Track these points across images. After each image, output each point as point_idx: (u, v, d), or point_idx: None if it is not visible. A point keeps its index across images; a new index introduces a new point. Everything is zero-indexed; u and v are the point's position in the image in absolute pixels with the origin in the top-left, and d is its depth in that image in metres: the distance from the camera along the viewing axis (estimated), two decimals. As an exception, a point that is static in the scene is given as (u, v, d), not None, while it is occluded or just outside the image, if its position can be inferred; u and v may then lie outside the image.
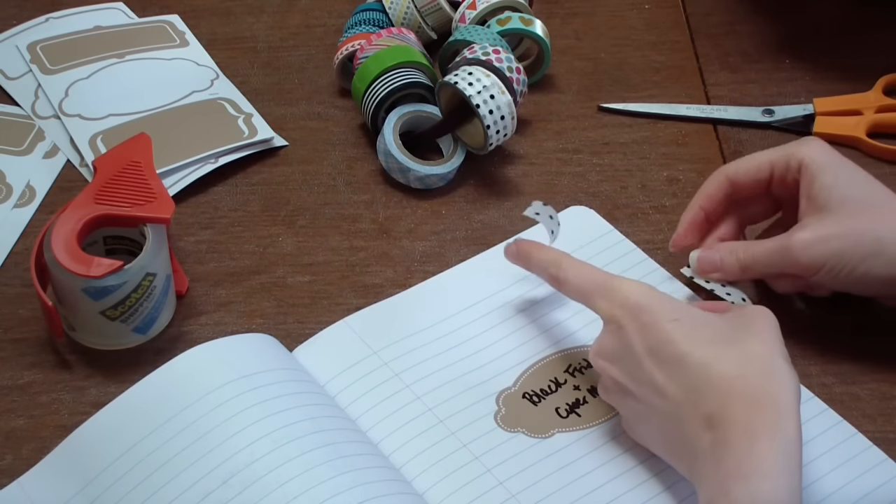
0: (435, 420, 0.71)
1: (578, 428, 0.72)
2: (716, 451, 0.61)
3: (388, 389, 0.73)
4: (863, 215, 0.71)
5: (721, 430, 0.61)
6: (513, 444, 0.70)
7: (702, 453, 0.62)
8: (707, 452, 0.61)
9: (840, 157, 0.74)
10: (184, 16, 1.01)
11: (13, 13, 1.01)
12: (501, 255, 0.78)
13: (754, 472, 0.58)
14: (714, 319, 0.66)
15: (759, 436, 0.59)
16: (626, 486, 0.69)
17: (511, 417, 0.72)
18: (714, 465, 0.60)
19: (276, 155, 0.91)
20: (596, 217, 0.84)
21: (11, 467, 0.72)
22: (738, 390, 0.61)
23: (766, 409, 0.60)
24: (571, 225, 0.82)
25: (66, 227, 0.74)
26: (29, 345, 0.78)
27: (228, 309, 0.80)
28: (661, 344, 0.64)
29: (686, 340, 0.64)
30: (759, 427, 0.60)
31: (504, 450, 0.70)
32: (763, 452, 0.59)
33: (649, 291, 0.67)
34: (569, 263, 0.72)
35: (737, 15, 1.02)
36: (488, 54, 0.86)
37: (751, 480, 0.58)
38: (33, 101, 0.93)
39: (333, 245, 0.84)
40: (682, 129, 0.92)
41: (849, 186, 0.72)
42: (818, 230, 0.72)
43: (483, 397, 0.73)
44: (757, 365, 0.62)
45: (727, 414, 0.61)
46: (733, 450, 0.60)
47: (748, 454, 0.59)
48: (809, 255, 0.72)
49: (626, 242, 0.82)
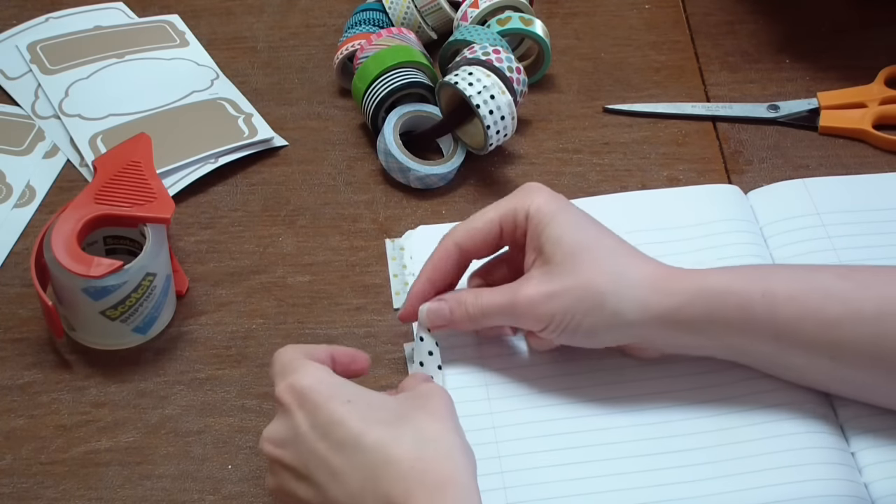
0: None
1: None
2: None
3: None
4: (585, 269, 0.69)
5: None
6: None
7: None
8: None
9: (566, 204, 0.72)
10: (184, 16, 1.01)
11: (13, 13, 1.01)
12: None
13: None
14: (388, 400, 0.64)
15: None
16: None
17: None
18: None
19: (276, 155, 0.91)
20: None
21: (11, 467, 0.72)
22: (417, 474, 0.60)
23: (450, 491, 0.60)
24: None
25: (66, 227, 0.74)
26: (29, 345, 0.78)
27: (228, 309, 0.80)
28: (332, 426, 0.62)
29: (359, 421, 0.62)
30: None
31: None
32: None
33: (322, 375, 0.64)
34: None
35: (737, 15, 1.02)
36: (488, 54, 0.86)
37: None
38: (33, 101, 0.93)
39: (333, 245, 0.84)
40: (683, 129, 0.92)
41: (574, 237, 0.70)
42: (541, 287, 0.70)
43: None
44: (433, 446, 0.61)
45: (411, 500, 0.59)
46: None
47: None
48: (535, 313, 0.70)
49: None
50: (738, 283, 0.68)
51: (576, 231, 0.71)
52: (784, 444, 0.70)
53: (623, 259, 0.70)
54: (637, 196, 0.86)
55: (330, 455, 0.62)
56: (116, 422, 0.74)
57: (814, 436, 0.70)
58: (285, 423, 0.64)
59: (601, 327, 0.70)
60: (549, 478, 0.69)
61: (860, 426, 0.71)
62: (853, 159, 0.90)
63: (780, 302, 0.68)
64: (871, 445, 0.70)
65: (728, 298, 0.68)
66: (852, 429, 0.71)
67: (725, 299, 0.68)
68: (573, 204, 0.73)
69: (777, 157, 0.90)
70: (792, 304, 0.67)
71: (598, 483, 0.69)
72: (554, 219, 0.71)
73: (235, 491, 0.71)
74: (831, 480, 0.68)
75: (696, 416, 0.72)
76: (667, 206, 0.84)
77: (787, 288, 0.68)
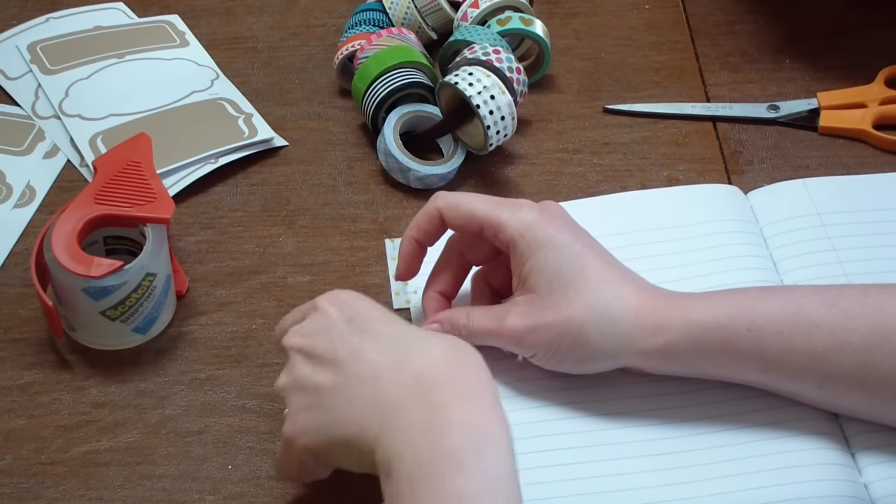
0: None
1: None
2: (429, 406, 0.59)
3: None
4: (567, 303, 0.69)
5: (433, 394, 0.60)
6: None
7: (405, 404, 0.60)
8: (413, 402, 0.60)
9: (552, 230, 0.71)
10: (184, 16, 1.01)
11: (13, 13, 1.01)
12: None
13: (470, 410, 0.59)
14: (412, 326, 0.66)
15: (469, 401, 0.60)
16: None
17: None
18: (423, 411, 0.59)
19: (276, 155, 0.91)
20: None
21: (11, 467, 0.72)
22: (450, 365, 0.61)
23: (474, 380, 0.61)
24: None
25: (66, 227, 0.74)
26: (29, 345, 0.78)
27: (228, 309, 0.80)
28: (369, 322, 0.65)
29: (395, 324, 0.65)
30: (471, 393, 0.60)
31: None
32: (470, 411, 0.59)
33: (359, 296, 0.67)
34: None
35: (737, 15, 1.02)
36: (488, 54, 0.86)
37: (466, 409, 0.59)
38: (33, 102, 0.93)
39: (333, 245, 0.84)
40: (682, 129, 0.92)
41: (557, 268, 0.70)
42: (525, 319, 0.70)
43: None
44: (466, 356, 0.62)
45: (440, 379, 0.60)
46: (449, 408, 0.59)
47: (460, 411, 0.59)
48: (520, 345, 0.71)
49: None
50: (724, 317, 0.68)
51: (560, 261, 0.70)
52: (784, 445, 0.70)
53: (608, 291, 0.69)
54: (637, 196, 0.86)
55: (363, 342, 0.63)
56: (116, 422, 0.74)
57: (814, 436, 0.70)
58: (318, 319, 0.66)
59: (587, 360, 0.70)
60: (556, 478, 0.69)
61: (860, 427, 0.71)
62: (853, 159, 0.90)
63: (766, 336, 0.67)
64: (871, 446, 0.70)
65: (714, 333, 0.68)
66: (852, 429, 0.71)
67: (711, 334, 0.68)
68: (563, 219, 0.72)
69: (777, 158, 0.90)
70: (778, 338, 0.67)
71: (601, 483, 0.69)
72: (539, 249, 0.70)
73: (235, 491, 0.71)
74: (831, 481, 0.68)
75: (696, 417, 0.72)
76: (667, 207, 0.84)
77: (773, 322, 0.67)
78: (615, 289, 0.69)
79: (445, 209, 0.73)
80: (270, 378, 0.73)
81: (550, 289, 0.69)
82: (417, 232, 0.75)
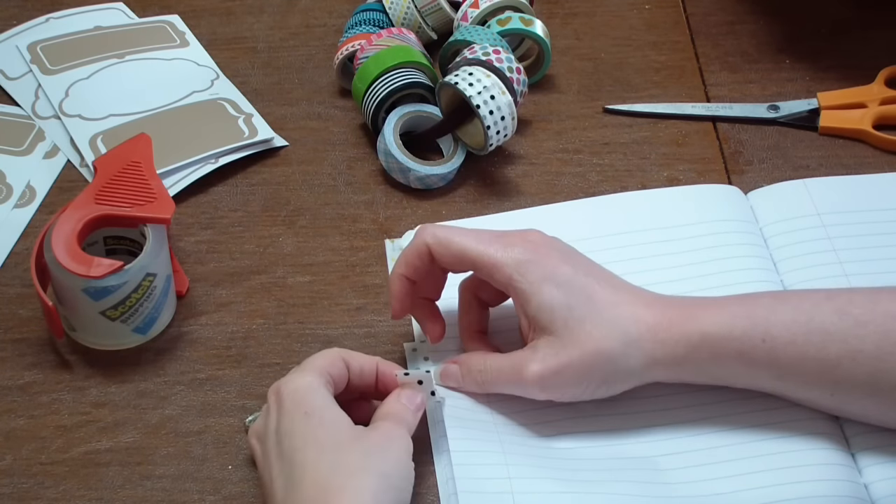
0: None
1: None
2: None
3: None
4: (589, 336, 0.68)
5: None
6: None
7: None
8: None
9: (551, 265, 0.70)
10: (184, 16, 1.01)
11: (13, 13, 1.01)
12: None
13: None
14: (342, 423, 0.66)
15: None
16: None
17: None
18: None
19: (276, 155, 0.91)
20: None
21: (11, 467, 0.72)
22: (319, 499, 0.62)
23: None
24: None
25: (66, 227, 0.74)
26: (29, 345, 0.78)
27: (228, 309, 0.80)
28: (283, 435, 0.65)
29: (300, 437, 0.65)
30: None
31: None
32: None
33: (305, 382, 0.67)
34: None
35: (737, 15, 1.02)
36: (488, 54, 0.86)
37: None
38: (33, 102, 0.93)
39: (333, 245, 0.84)
40: (682, 130, 0.92)
41: (566, 303, 0.69)
42: (549, 362, 0.69)
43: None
44: (342, 481, 0.62)
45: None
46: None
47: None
48: (546, 390, 0.70)
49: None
50: (738, 329, 0.68)
51: (568, 297, 0.69)
52: (784, 445, 0.70)
53: (622, 315, 0.69)
54: (637, 196, 0.86)
55: (276, 462, 0.66)
56: (117, 422, 0.74)
57: (814, 437, 0.70)
58: (263, 419, 0.69)
59: (617, 384, 0.70)
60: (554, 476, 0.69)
61: (861, 427, 0.71)
62: (853, 159, 0.90)
63: (779, 346, 0.68)
64: (871, 447, 0.70)
65: (729, 345, 0.68)
66: (853, 430, 0.71)
67: (727, 346, 0.68)
68: (556, 249, 0.71)
69: (777, 158, 0.90)
70: (792, 347, 0.68)
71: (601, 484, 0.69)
72: (542, 287, 0.69)
73: (235, 491, 0.71)
74: (831, 481, 0.68)
75: (695, 417, 0.72)
76: (667, 207, 0.84)
77: (786, 331, 0.68)
78: (628, 311, 0.69)
79: (435, 246, 0.72)
80: (270, 378, 0.73)
81: (566, 326, 0.69)
82: (406, 269, 0.73)
